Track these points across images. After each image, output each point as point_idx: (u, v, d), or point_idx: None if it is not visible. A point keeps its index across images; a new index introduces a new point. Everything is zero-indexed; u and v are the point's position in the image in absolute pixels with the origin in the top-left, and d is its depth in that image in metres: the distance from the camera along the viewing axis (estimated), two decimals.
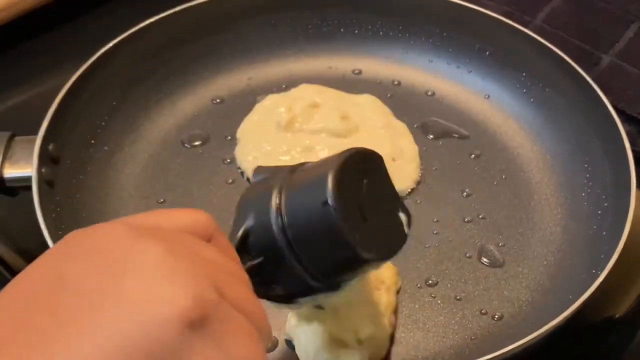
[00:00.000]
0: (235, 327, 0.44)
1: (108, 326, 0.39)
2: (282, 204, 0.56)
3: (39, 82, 0.95)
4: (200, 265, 0.44)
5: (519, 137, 0.89)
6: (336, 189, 0.54)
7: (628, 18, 0.96)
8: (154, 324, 0.39)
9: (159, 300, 0.40)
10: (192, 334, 0.40)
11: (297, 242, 0.55)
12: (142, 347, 0.39)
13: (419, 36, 0.95)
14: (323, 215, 0.54)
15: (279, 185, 0.57)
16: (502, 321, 0.74)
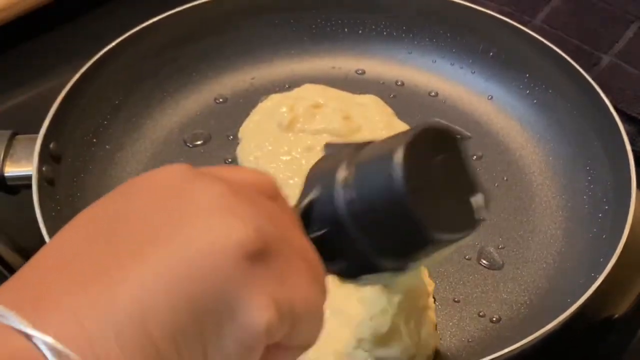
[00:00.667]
0: (298, 267, 0.42)
1: (167, 256, 0.38)
2: (349, 176, 0.53)
3: (40, 82, 0.95)
4: (262, 207, 0.42)
5: (522, 138, 0.89)
6: (405, 160, 0.51)
7: (628, 18, 0.96)
8: (213, 253, 0.38)
9: (218, 230, 0.39)
10: (253, 266, 0.39)
11: (363, 216, 0.52)
12: (201, 276, 0.38)
13: (423, 37, 0.95)
14: (389, 186, 0.51)
15: (348, 158, 0.54)
16: (500, 324, 0.74)
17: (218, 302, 0.38)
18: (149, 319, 0.37)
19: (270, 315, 0.39)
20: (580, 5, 0.97)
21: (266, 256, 0.40)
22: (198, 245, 0.39)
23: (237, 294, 0.39)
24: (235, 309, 0.39)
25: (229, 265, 0.39)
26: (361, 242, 0.53)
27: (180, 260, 0.38)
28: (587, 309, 0.69)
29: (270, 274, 0.40)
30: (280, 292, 0.40)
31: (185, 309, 0.38)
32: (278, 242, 0.41)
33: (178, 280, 0.38)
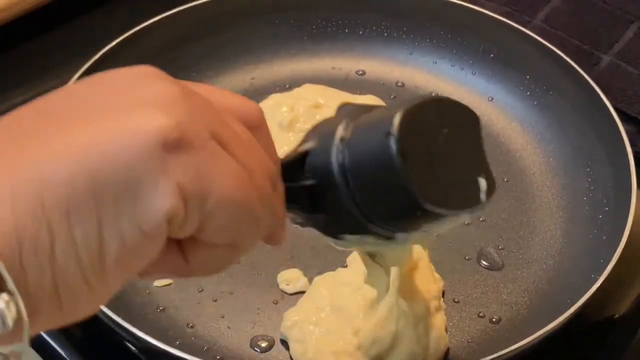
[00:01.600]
0: (225, 167, 0.42)
1: (82, 134, 0.39)
2: (346, 134, 0.52)
3: (40, 82, 0.95)
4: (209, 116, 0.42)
5: (522, 139, 0.89)
6: (404, 123, 0.50)
7: (628, 18, 0.96)
8: (125, 135, 0.38)
9: (141, 118, 0.39)
10: (166, 154, 0.39)
11: (354, 174, 0.51)
12: (106, 156, 0.38)
13: (424, 38, 0.95)
14: (383, 147, 0.49)
15: (351, 118, 0.53)
16: (500, 324, 0.74)
17: (121, 183, 0.38)
18: (45, 188, 0.37)
19: (173, 203, 0.39)
20: (580, 5, 0.97)
21: (184, 148, 0.40)
22: (113, 126, 0.39)
23: (142, 177, 0.38)
24: (137, 192, 0.38)
25: (139, 148, 0.38)
26: (348, 200, 0.52)
27: (92, 138, 0.38)
28: (587, 308, 0.69)
29: (184, 164, 0.40)
30: (191, 182, 0.40)
31: (83, 185, 0.38)
32: (202, 139, 0.41)
33: (82, 156, 0.38)
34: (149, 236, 0.39)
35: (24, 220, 0.37)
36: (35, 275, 0.37)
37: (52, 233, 0.37)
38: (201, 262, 0.44)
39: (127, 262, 0.40)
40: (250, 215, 0.43)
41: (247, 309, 0.74)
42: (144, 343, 0.67)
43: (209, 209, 0.41)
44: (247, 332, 0.73)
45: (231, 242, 0.44)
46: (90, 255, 0.38)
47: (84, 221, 0.38)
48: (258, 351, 0.72)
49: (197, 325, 0.73)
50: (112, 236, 0.39)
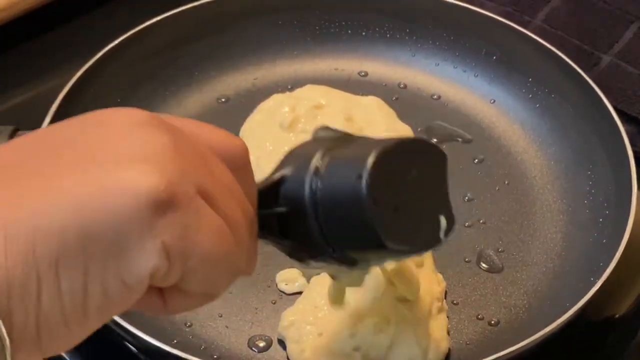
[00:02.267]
0: (209, 225, 0.43)
1: (76, 185, 0.40)
2: (321, 166, 0.55)
3: (40, 82, 0.95)
4: (197, 169, 0.43)
5: (524, 142, 0.88)
6: (376, 166, 0.52)
7: (628, 18, 0.96)
8: (117, 193, 0.40)
9: (133, 175, 0.40)
10: (154, 215, 0.40)
11: (325, 207, 0.54)
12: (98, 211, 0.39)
13: (426, 39, 0.95)
14: (355, 187, 0.52)
15: (327, 148, 0.56)
16: (498, 327, 0.74)
17: (109, 240, 0.40)
18: (38, 236, 0.38)
19: (157, 261, 0.41)
20: (580, 5, 0.97)
21: (171, 208, 0.41)
22: (107, 183, 0.40)
23: (130, 235, 0.40)
24: (124, 249, 0.40)
25: (129, 208, 0.40)
26: (316, 230, 0.54)
27: (85, 191, 0.40)
28: (587, 309, 0.69)
29: (170, 224, 0.41)
30: (176, 242, 0.41)
31: (74, 237, 0.39)
32: (190, 199, 0.42)
33: (76, 209, 0.39)
34: (131, 289, 0.41)
35: (14, 265, 0.38)
36: (21, 317, 0.39)
37: (40, 281, 0.39)
38: (178, 305, 0.46)
39: (107, 311, 0.41)
40: (228, 268, 0.46)
41: (245, 308, 0.74)
42: (141, 342, 0.67)
43: (190, 265, 0.43)
44: (244, 331, 0.73)
45: (209, 291, 0.46)
46: (73, 305, 0.40)
47: (71, 272, 0.39)
48: (255, 351, 0.72)
49: (194, 324, 0.73)
50: (96, 288, 0.40)
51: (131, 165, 0.41)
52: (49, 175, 0.40)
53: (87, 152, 0.41)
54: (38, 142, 0.43)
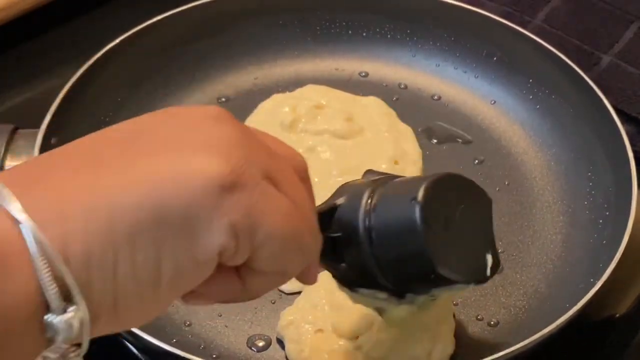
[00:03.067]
0: (274, 204, 0.46)
1: (151, 170, 0.43)
2: (375, 195, 0.58)
3: (40, 82, 0.95)
4: (262, 157, 0.46)
5: (524, 143, 0.88)
6: (428, 192, 0.55)
7: (628, 18, 0.96)
8: (189, 177, 0.43)
9: (203, 161, 0.44)
10: (221, 196, 0.43)
11: (378, 233, 0.57)
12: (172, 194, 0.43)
13: (427, 40, 0.95)
14: (408, 211, 0.55)
15: (378, 183, 0.59)
16: (498, 327, 0.74)
17: (181, 218, 0.43)
18: (116, 213, 0.41)
19: (225, 239, 0.44)
20: (580, 5, 0.97)
21: (237, 189, 0.44)
22: (179, 167, 0.43)
23: (200, 215, 0.43)
24: (195, 228, 0.43)
25: (199, 190, 0.43)
26: (369, 256, 0.57)
27: (159, 175, 0.43)
28: (587, 309, 0.69)
29: (237, 203, 0.44)
30: (242, 220, 0.44)
31: (148, 217, 0.42)
32: (256, 182, 0.45)
33: (150, 191, 0.42)
34: (201, 265, 0.44)
35: (93, 240, 0.41)
36: (99, 288, 0.42)
37: (117, 254, 0.42)
38: (255, 285, 0.49)
39: (178, 285, 0.44)
40: (298, 245, 0.48)
41: (245, 308, 0.74)
42: (140, 340, 0.67)
43: (258, 242, 0.45)
44: (244, 331, 0.73)
45: (281, 270, 0.49)
46: (147, 278, 0.43)
47: (146, 248, 0.42)
48: (255, 350, 0.72)
49: (194, 324, 0.73)
50: (168, 263, 0.43)
51: (201, 153, 0.44)
52: (125, 161, 0.43)
53: (161, 140, 0.45)
54: (115, 132, 0.46)
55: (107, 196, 0.42)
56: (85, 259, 0.41)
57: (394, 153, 0.84)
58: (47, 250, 0.40)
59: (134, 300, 0.43)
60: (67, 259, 0.40)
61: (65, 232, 0.41)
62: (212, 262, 0.44)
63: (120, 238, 0.42)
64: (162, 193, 0.42)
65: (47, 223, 0.40)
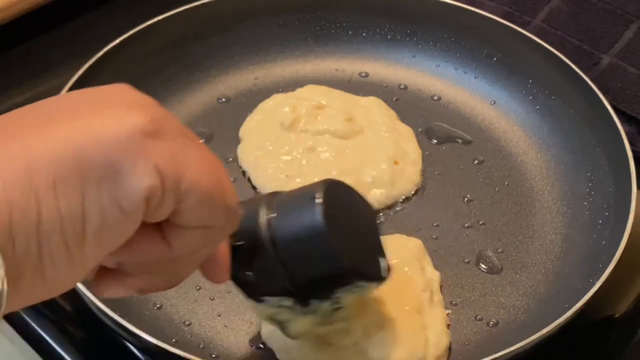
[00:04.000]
0: (198, 156, 0.46)
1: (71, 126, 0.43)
2: (272, 201, 0.60)
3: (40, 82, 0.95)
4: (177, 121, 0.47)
5: (524, 144, 0.88)
6: (326, 192, 0.58)
7: (628, 18, 0.96)
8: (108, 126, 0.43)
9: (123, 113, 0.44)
10: (144, 140, 0.43)
11: (281, 233, 0.58)
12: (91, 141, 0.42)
13: (427, 40, 0.95)
14: (310, 209, 0.57)
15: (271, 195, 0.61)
16: (497, 328, 0.74)
17: (104, 163, 0.42)
18: (34, 164, 0.41)
19: (151, 182, 0.43)
20: (580, 5, 0.97)
21: (161, 135, 0.44)
22: (100, 119, 0.43)
23: (123, 159, 0.43)
24: (119, 172, 0.43)
25: (121, 135, 0.43)
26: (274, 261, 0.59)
27: (79, 128, 0.43)
28: (587, 309, 0.69)
29: (161, 150, 0.44)
30: (167, 165, 0.44)
31: (69, 162, 0.41)
32: (176, 133, 0.45)
33: (70, 140, 0.42)
34: (127, 214, 0.43)
35: (12, 192, 0.40)
36: (23, 241, 0.41)
37: (40, 204, 0.41)
38: (181, 245, 0.48)
39: (105, 237, 0.43)
40: (222, 197, 0.48)
41: (244, 308, 0.74)
42: (140, 340, 0.67)
43: (183, 190, 0.45)
44: (243, 330, 0.73)
45: (206, 224, 0.48)
46: (73, 227, 0.42)
47: (69, 194, 0.42)
48: (254, 350, 0.72)
49: (193, 324, 0.73)
50: (93, 211, 0.42)
51: (121, 108, 0.44)
52: (44, 123, 0.43)
53: (80, 106, 0.45)
54: (35, 106, 0.46)
55: (24, 149, 0.42)
56: (5, 209, 0.40)
57: (394, 153, 0.84)
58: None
59: (60, 254, 0.42)
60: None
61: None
62: (138, 211, 0.43)
63: (42, 185, 0.41)
64: (82, 143, 0.42)
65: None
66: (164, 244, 0.48)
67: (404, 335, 0.68)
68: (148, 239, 0.47)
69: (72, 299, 0.72)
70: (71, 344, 0.73)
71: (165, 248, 0.48)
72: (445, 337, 0.71)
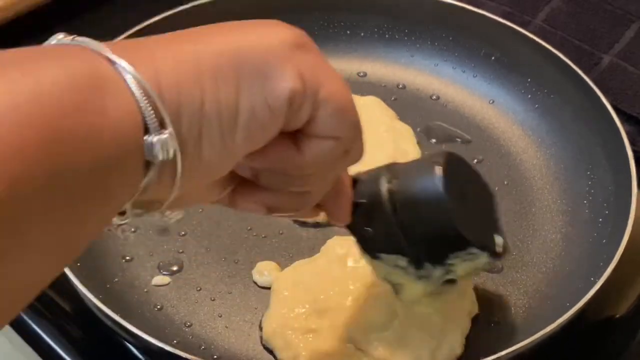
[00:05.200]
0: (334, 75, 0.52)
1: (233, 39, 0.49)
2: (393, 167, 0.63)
3: None
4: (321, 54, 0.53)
5: (523, 142, 0.88)
6: (449, 161, 0.61)
7: (628, 18, 0.96)
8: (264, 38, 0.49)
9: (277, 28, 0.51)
10: (293, 51, 0.49)
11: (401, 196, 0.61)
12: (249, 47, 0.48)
13: (425, 40, 0.95)
14: (431, 175, 0.60)
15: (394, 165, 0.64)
16: (498, 327, 0.74)
17: (257, 63, 0.48)
18: (201, 58, 0.47)
19: (295, 85, 0.48)
20: (580, 5, 0.97)
21: (306, 49, 0.51)
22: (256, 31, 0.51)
23: (274, 62, 0.48)
24: (269, 72, 0.48)
25: (275, 43, 0.49)
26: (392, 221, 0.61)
27: (239, 37, 0.49)
28: (587, 309, 0.69)
29: (306, 60, 0.50)
30: (310, 74, 0.50)
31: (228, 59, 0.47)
32: (319, 53, 0.52)
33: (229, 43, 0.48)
34: (273, 111, 0.48)
35: (184, 78, 0.46)
36: (188, 121, 0.46)
37: (204, 92, 0.46)
38: (313, 153, 0.52)
39: (252, 130, 0.48)
40: (350, 109, 0.53)
41: (245, 308, 0.74)
42: (141, 341, 0.67)
43: (320, 98, 0.50)
44: (244, 331, 0.73)
45: (337, 135, 0.52)
46: (228, 115, 0.47)
47: (227, 87, 0.47)
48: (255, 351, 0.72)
49: (194, 325, 0.73)
50: (245, 104, 0.48)
51: (274, 26, 0.52)
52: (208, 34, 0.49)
53: (240, 25, 0.52)
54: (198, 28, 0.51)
55: (193, 49, 0.47)
56: (175, 91, 0.45)
57: (393, 153, 0.84)
58: (141, 81, 0.44)
59: (215, 138, 0.47)
60: (160, 90, 0.45)
61: (156, 70, 0.45)
62: (282, 110, 0.48)
63: (206, 77, 0.46)
64: (240, 44, 0.48)
65: (140, 63, 0.44)
66: (297, 150, 0.52)
67: (416, 339, 0.69)
68: (284, 145, 0.52)
69: (72, 299, 0.72)
70: (71, 344, 0.73)
71: (298, 154, 0.52)
72: (460, 347, 0.71)
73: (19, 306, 0.43)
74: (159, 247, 0.78)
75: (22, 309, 0.43)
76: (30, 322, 0.74)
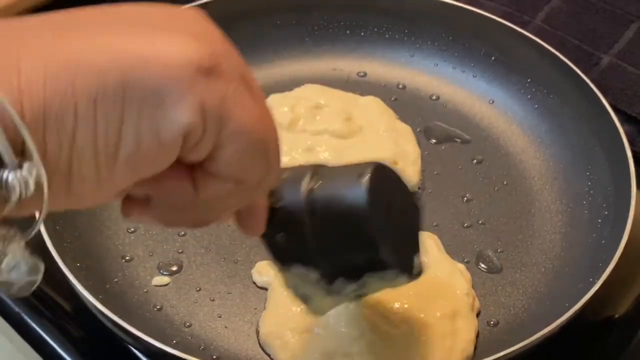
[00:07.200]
0: (248, 105, 0.44)
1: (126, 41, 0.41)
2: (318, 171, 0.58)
3: None
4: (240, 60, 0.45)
5: (522, 143, 0.88)
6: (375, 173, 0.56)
7: (628, 18, 0.96)
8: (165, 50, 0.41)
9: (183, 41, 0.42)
10: (197, 75, 0.41)
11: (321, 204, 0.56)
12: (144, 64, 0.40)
13: (425, 40, 0.95)
14: (355, 187, 0.55)
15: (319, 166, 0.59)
16: (498, 327, 0.74)
17: (148, 87, 0.40)
18: (79, 74, 0.39)
19: (192, 119, 0.41)
20: (580, 5, 0.97)
21: (216, 75, 0.42)
22: (156, 41, 0.41)
23: (170, 88, 0.41)
24: (163, 100, 0.41)
25: (174, 63, 0.41)
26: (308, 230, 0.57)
27: (134, 45, 0.41)
28: (587, 309, 0.69)
29: (213, 90, 0.42)
30: (214, 106, 0.42)
31: (114, 79, 0.40)
32: (233, 75, 0.43)
33: (120, 55, 0.40)
34: (163, 145, 0.42)
35: (52, 99, 0.39)
36: (54, 150, 0.40)
37: (77, 117, 0.40)
38: (208, 194, 0.46)
39: (136, 164, 0.42)
40: (264, 152, 0.46)
41: (245, 309, 0.74)
42: (141, 342, 0.66)
43: (225, 136, 0.43)
44: (244, 332, 0.73)
45: (239, 177, 0.46)
46: (106, 146, 0.41)
47: (108, 114, 0.40)
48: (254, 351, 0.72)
49: (194, 325, 0.73)
50: (130, 134, 0.41)
51: (183, 35, 0.42)
52: (98, 31, 0.41)
53: (142, 21, 0.43)
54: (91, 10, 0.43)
55: (71, 54, 0.40)
56: (42, 118, 0.39)
57: (393, 153, 0.84)
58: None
59: (89, 170, 0.41)
60: (22, 113, 0.38)
61: (20, 90, 0.38)
62: (174, 145, 0.42)
63: (82, 100, 0.39)
64: (133, 61, 0.40)
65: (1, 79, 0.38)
66: (191, 187, 0.46)
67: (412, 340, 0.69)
68: (177, 178, 0.45)
69: (72, 299, 0.72)
70: (71, 344, 0.73)
71: (191, 192, 0.46)
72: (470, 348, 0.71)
73: None
74: (158, 247, 0.78)
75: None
76: (30, 322, 0.74)
